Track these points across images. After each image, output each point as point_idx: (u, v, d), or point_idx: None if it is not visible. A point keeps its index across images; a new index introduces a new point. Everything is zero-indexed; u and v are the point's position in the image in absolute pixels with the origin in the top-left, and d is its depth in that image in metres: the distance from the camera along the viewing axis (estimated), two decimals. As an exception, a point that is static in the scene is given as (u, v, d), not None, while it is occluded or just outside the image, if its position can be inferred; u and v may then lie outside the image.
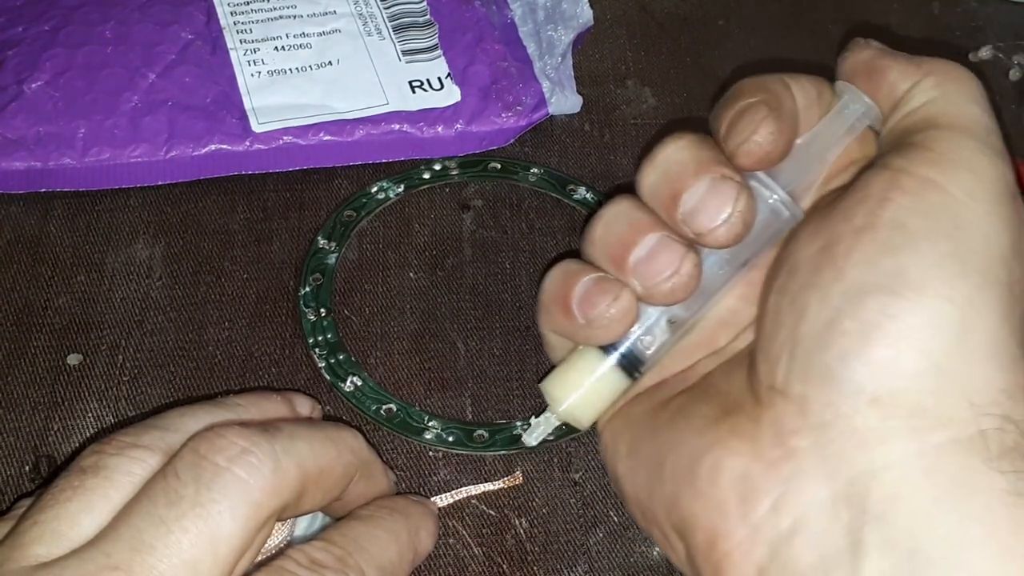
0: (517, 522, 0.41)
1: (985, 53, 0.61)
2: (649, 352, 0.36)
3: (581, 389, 0.36)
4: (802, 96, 0.34)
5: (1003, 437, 0.29)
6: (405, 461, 0.43)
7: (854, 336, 0.30)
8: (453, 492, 0.41)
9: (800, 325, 0.31)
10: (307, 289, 0.47)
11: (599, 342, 0.35)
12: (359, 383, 0.44)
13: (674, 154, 0.34)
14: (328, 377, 0.45)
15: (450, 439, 0.43)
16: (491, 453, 0.43)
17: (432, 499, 0.41)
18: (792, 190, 0.35)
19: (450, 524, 0.41)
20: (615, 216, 0.35)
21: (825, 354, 0.30)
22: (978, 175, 0.31)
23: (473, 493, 0.42)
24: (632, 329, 0.35)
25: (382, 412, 0.44)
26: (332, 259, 0.49)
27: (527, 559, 0.40)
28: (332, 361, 0.45)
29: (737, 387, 0.34)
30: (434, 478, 0.42)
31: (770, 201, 0.34)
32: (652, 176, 0.34)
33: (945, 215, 0.30)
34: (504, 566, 0.40)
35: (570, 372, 0.36)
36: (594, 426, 0.37)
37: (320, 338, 0.46)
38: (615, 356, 0.35)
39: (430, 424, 0.43)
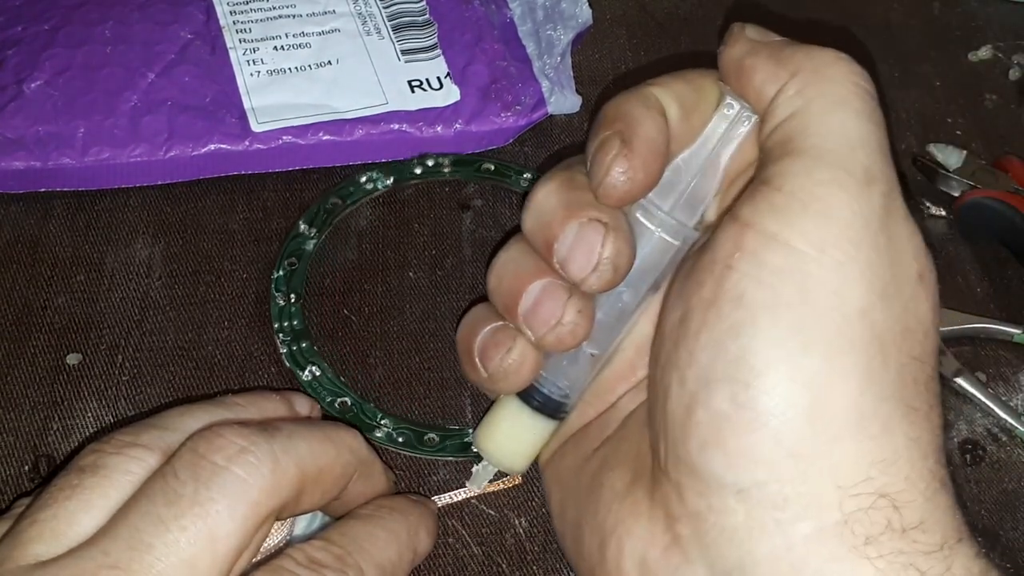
0: (517, 522, 0.41)
1: (985, 53, 0.61)
2: (567, 393, 0.35)
3: (504, 440, 0.36)
4: (676, 107, 0.32)
5: (873, 517, 0.28)
6: (404, 461, 0.43)
7: (708, 427, 0.29)
8: (453, 492, 0.41)
9: (666, 405, 0.31)
10: (280, 273, 0.47)
11: (505, 392, 0.35)
12: (317, 373, 0.44)
13: (543, 200, 0.33)
14: (288, 364, 0.45)
15: (400, 440, 0.43)
16: (439, 458, 0.43)
17: (432, 499, 0.41)
18: (686, 206, 0.33)
19: (449, 523, 0.41)
20: (505, 264, 0.34)
21: (688, 443, 0.30)
22: (830, 219, 0.29)
23: (473, 493, 0.42)
24: (542, 373, 0.35)
25: (336, 405, 0.44)
26: (310, 245, 0.49)
27: (526, 559, 0.40)
28: (294, 348, 0.45)
29: (645, 444, 0.33)
30: (433, 478, 0.42)
31: (656, 233, 0.33)
32: (529, 222, 0.33)
33: (788, 279, 0.28)
34: (503, 565, 0.40)
35: (493, 422, 0.36)
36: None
37: (286, 324, 0.46)
38: (532, 402, 0.35)
39: (382, 422, 0.43)
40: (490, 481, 0.40)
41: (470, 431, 0.44)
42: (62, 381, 0.44)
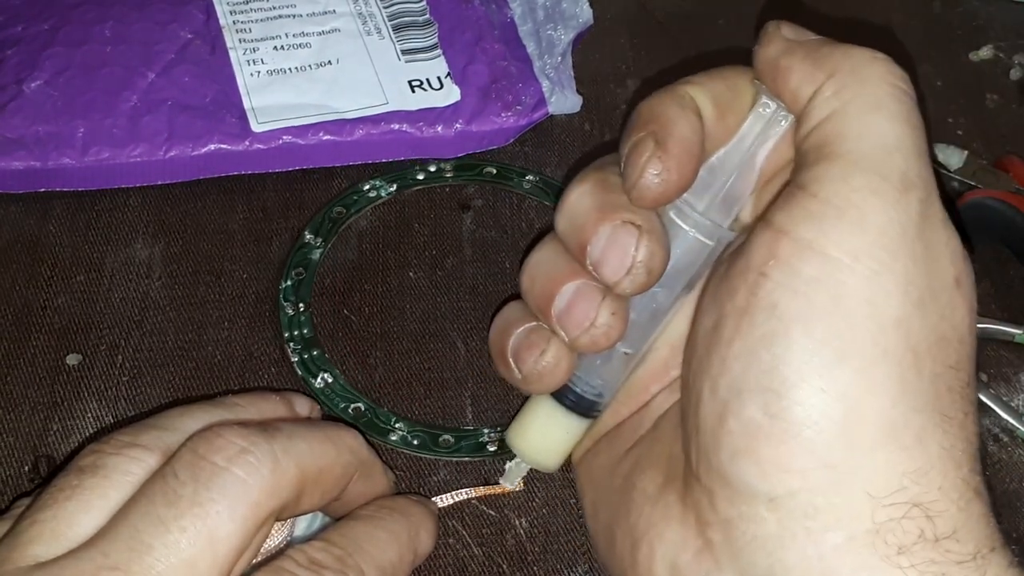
0: (517, 522, 0.41)
1: (986, 52, 0.61)
2: (601, 392, 0.35)
3: (538, 438, 0.36)
4: (711, 106, 0.32)
5: (906, 527, 0.28)
6: (404, 462, 0.43)
7: (740, 436, 0.29)
8: (453, 492, 0.41)
9: (698, 413, 0.30)
10: (288, 283, 0.47)
11: (540, 392, 0.35)
12: (330, 380, 0.45)
13: (577, 202, 0.33)
14: (300, 372, 0.45)
15: (415, 442, 0.43)
16: (455, 459, 0.43)
17: (433, 499, 0.41)
18: (721, 206, 0.33)
19: (450, 524, 0.41)
20: (538, 264, 0.34)
21: (719, 452, 0.29)
22: (865, 226, 0.28)
23: (473, 495, 0.41)
24: (576, 372, 0.34)
25: (350, 411, 0.44)
26: (316, 254, 0.49)
27: (527, 559, 0.40)
28: (305, 356, 0.45)
29: (677, 446, 0.33)
30: (434, 478, 0.42)
31: (690, 233, 0.33)
32: (562, 224, 0.33)
33: (822, 289, 0.28)
34: (504, 566, 0.40)
35: (526, 421, 0.36)
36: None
37: (296, 332, 0.46)
38: (566, 401, 0.35)
39: (396, 426, 0.43)
40: (489, 484, 0.40)
41: (485, 431, 0.44)
42: (62, 381, 0.44)
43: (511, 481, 0.39)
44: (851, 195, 0.29)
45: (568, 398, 0.35)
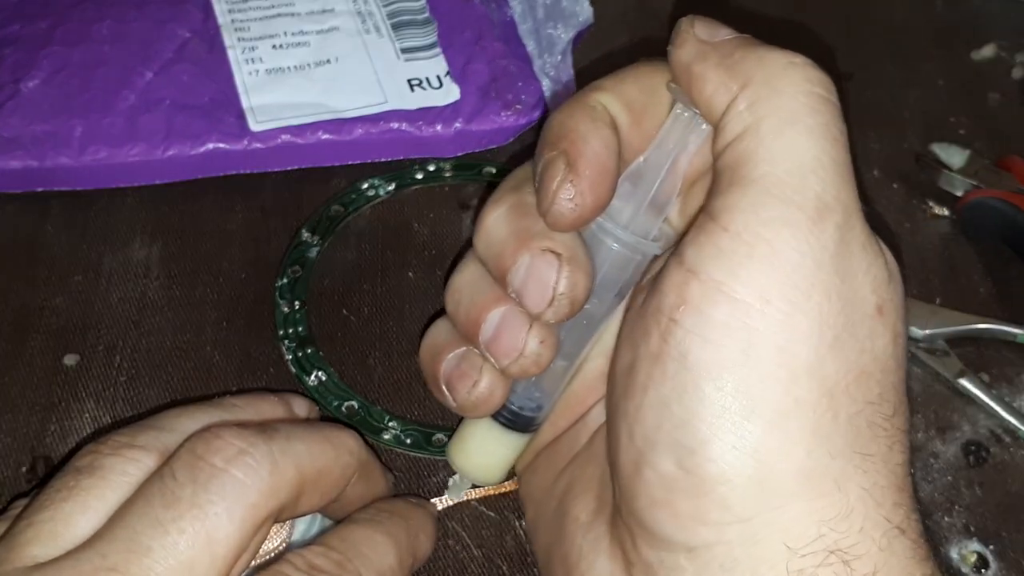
0: (517, 524, 0.41)
1: (988, 52, 0.61)
2: (539, 405, 0.35)
3: (476, 455, 0.36)
4: (625, 113, 0.31)
5: (823, 574, 0.27)
6: (404, 462, 0.43)
7: (656, 487, 0.29)
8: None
9: (617, 455, 0.30)
10: (284, 281, 0.47)
11: (477, 418, 0.35)
12: (323, 378, 0.44)
13: (494, 226, 0.32)
14: (294, 370, 0.45)
15: (408, 441, 0.43)
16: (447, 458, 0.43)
17: (432, 501, 0.41)
18: (646, 213, 0.32)
19: (450, 526, 0.41)
20: (461, 288, 0.33)
21: (637, 499, 0.29)
22: (775, 263, 0.27)
23: (474, 496, 0.41)
24: (514, 389, 0.34)
25: (343, 409, 0.44)
26: (313, 252, 0.48)
27: (527, 560, 0.40)
28: (300, 355, 0.45)
29: (607, 469, 0.33)
30: (433, 479, 0.42)
31: (614, 247, 0.32)
32: (481, 247, 0.32)
33: (732, 337, 0.27)
34: (504, 568, 0.40)
35: (464, 438, 0.36)
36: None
37: (291, 330, 0.46)
38: (502, 419, 0.35)
39: (390, 424, 0.43)
40: (491, 486, 0.40)
41: None
42: (59, 382, 0.44)
43: (455, 496, 0.40)
44: (761, 229, 0.28)
45: (504, 416, 0.35)
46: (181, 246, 0.49)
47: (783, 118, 0.28)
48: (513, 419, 0.35)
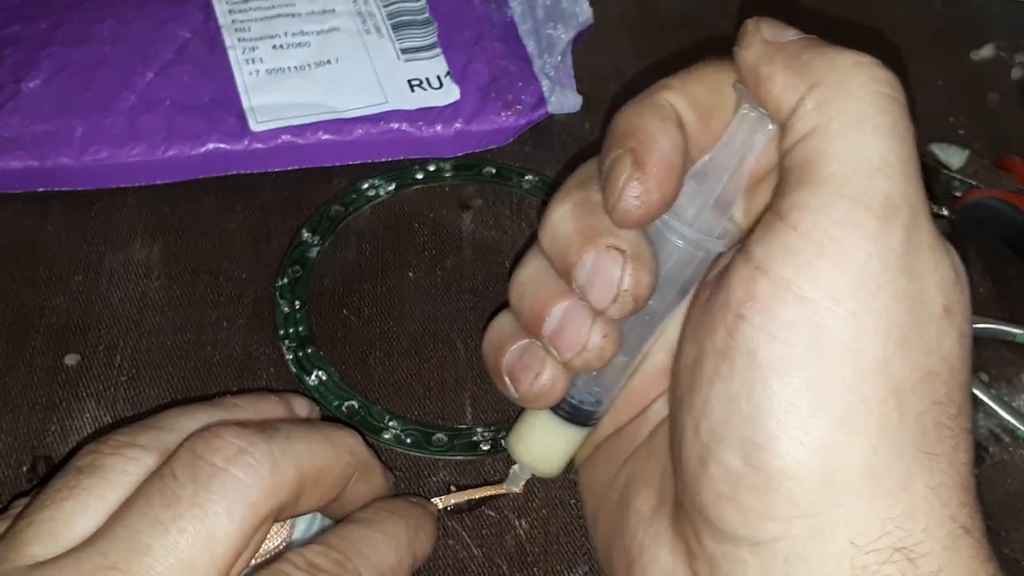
0: (517, 523, 0.41)
1: (988, 52, 0.61)
2: (598, 400, 0.35)
3: (536, 447, 0.36)
4: (692, 112, 0.31)
5: (887, 572, 0.27)
6: (404, 462, 0.43)
7: (722, 482, 0.29)
8: (454, 494, 0.41)
9: (682, 449, 0.30)
10: (284, 281, 0.47)
11: (538, 409, 0.35)
12: (324, 378, 0.44)
13: (560, 223, 0.32)
14: (294, 369, 0.45)
15: (408, 440, 0.43)
16: (452, 458, 0.43)
17: (432, 500, 0.41)
18: (711, 212, 0.32)
19: (450, 525, 0.41)
20: (526, 281, 0.33)
21: (702, 493, 0.29)
22: (844, 263, 0.27)
23: (475, 496, 0.41)
24: (574, 383, 0.34)
25: (343, 409, 0.44)
26: (314, 252, 0.49)
27: (527, 560, 0.40)
28: (300, 354, 0.45)
29: (669, 463, 0.33)
30: (434, 479, 0.42)
31: (678, 244, 0.32)
32: (547, 243, 0.32)
33: (801, 334, 0.28)
34: (504, 567, 0.40)
35: (525, 430, 0.36)
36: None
37: (291, 330, 0.46)
38: (562, 412, 0.35)
39: (390, 424, 0.43)
40: (489, 484, 0.40)
41: (479, 430, 0.43)
42: (60, 382, 0.44)
43: (515, 485, 0.39)
44: (830, 228, 0.28)
45: (564, 409, 0.35)
46: (181, 246, 0.49)
47: (852, 118, 0.28)
48: (573, 412, 0.35)
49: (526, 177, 0.52)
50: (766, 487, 0.28)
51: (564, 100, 0.55)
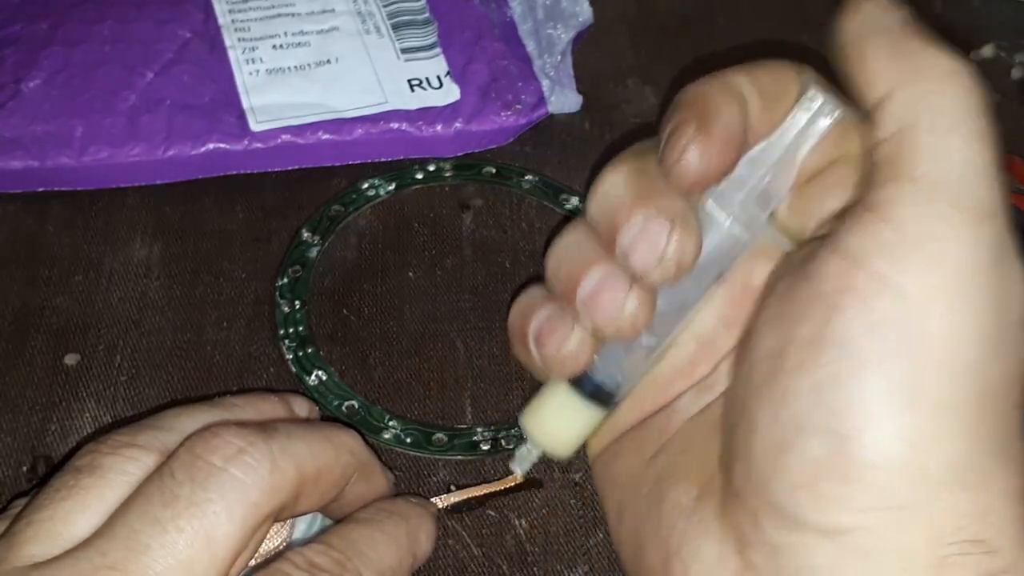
0: (517, 523, 0.41)
1: (987, 52, 0.61)
2: (620, 382, 0.34)
3: (552, 424, 0.35)
4: (756, 97, 0.31)
5: (963, 563, 0.27)
6: (404, 461, 0.43)
7: (800, 470, 0.28)
8: (454, 493, 0.41)
9: (752, 438, 0.30)
10: (284, 280, 0.47)
11: (559, 377, 0.34)
12: (323, 378, 0.44)
13: (612, 186, 0.32)
14: (294, 369, 0.45)
15: (408, 440, 0.43)
16: (451, 458, 0.43)
17: (432, 500, 0.41)
18: (757, 201, 0.32)
19: (450, 525, 0.41)
20: (566, 247, 0.33)
21: (775, 481, 0.29)
22: (942, 262, 0.27)
23: (475, 495, 0.41)
24: (596, 359, 0.34)
25: (343, 409, 0.44)
26: (314, 252, 0.49)
27: (527, 560, 0.40)
28: (300, 354, 0.45)
29: (712, 456, 0.32)
30: (434, 478, 0.42)
31: (725, 226, 0.32)
32: (594, 208, 0.32)
33: (898, 329, 0.28)
34: (504, 567, 0.40)
35: (541, 405, 0.35)
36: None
37: (291, 330, 0.46)
38: (584, 389, 0.34)
39: (390, 424, 0.43)
40: (489, 483, 0.40)
41: (479, 430, 0.43)
42: (60, 382, 0.44)
43: (521, 466, 0.38)
44: (927, 226, 0.28)
45: (587, 386, 0.34)
46: (181, 246, 0.49)
47: (951, 120, 0.28)
48: (595, 391, 0.34)
49: (526, 177, 0.52)
50: (849, 476, 0.28)
51: (564, 100, 0.55)
